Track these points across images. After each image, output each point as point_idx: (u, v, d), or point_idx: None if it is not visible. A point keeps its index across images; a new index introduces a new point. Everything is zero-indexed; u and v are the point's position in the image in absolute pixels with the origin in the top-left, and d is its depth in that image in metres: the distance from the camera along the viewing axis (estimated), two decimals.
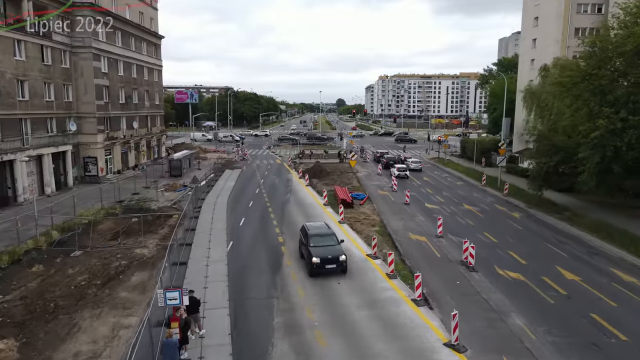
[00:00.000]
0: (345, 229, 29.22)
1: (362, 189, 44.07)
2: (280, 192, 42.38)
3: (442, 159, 67.24)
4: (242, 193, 41.87)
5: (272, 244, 26.61)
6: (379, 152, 66.23)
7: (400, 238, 27.69)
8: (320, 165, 56.51)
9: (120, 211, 34.23)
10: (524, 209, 36.08)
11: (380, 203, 37.68)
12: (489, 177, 47.56)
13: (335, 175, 51.48)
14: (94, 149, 44.57)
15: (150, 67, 58.59)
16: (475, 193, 43.15)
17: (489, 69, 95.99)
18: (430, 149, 79.72)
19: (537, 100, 45.61)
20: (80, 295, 19.54)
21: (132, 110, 52.97)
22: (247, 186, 45.45)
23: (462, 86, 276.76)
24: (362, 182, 48.05)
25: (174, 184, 44.84)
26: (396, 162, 57.14)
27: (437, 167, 61.60)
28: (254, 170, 57.04)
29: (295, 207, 35.98)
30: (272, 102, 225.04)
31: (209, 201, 38.02)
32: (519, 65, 67.35)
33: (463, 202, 38.26)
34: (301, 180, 48.10)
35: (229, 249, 25.48)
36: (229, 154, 72.38)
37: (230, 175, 51.65)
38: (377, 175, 52.94)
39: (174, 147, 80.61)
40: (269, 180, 48.74)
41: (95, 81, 44.00)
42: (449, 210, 35.55)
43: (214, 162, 62.44)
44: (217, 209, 34.91)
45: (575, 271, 22.22)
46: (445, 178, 52.27)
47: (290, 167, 58.65)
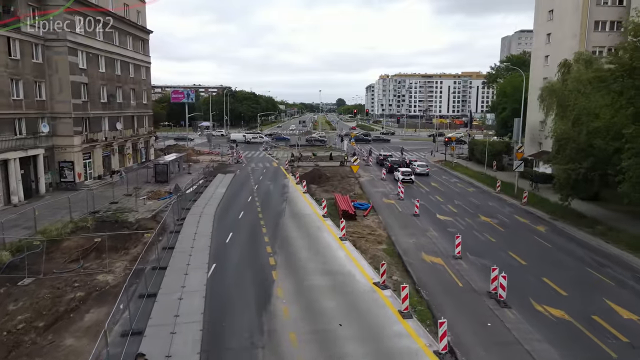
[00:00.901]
0: (347, 248, 25.17)
1: (365, 196, 40.04)
2: (275, 200, 38.32)
3: (449, 162, 63.20)
4: (232, 202, 37.82)
5: (262, 267, 22.57)
6: (382, 155, 62.13)
7: (412, 260, 23.63)
8: (319, 169, 52.46)
9: (91, 224, 30.17)
10: (548, 221, 32.02)
11: (386, 214, 33.63)
12: (503, 183, 43.49)
13: (336, 181, 47.44)
14: (70, 152, 40.48)
15: (137, 64, 54.54)
16: (491, 201, 39.10)
17: (496, 66, 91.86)
18: (435, 151, 75.69)
19: (557, 98, 41.56)
20: (13, 343, 15.48)
21: (116, 110, 48.91)
22: (238, 193, 41.40)
23: (464, 86, 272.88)
24: (364, 188, 43.99)
25: (158, 191, 40.77)
26: (401, 166, 53.16)
27: (445, 171, 57.53)
28: (248, 174, 52.98)
29: (290, 219, 31.92)
30: (271, 102, 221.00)
31: (194, 211, 33.99)
32: (531, 62, 63.31)
33: (479, 213, 34.20)
34: (298, 186, 44.09)
35: (210, 274, 21.45)
36: (222, 157, 68.34)
37: (222, 181, 47.62)
38: (381, 180, 48.88)
39: (166, 148, 76.72)
40: (263, 187, 44.69)
41: (71, 78, 39.93)
42: (464, 222, 31.50)
43: (206, 165, 58.44)
44: (203, 222, 30.87)
45: (630, 306, 18.17)
46: (455, 184, 48.20)
47: (287, 171, 54.63)
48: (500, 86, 71.33)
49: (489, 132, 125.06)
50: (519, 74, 76.11)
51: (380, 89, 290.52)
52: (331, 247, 25.43)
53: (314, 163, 60.65)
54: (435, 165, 61.37)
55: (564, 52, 50.06)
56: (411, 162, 57.59)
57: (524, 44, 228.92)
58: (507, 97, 68.37)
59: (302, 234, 28.42)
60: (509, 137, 77.49)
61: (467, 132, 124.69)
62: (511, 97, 66.98)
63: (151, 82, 58.04)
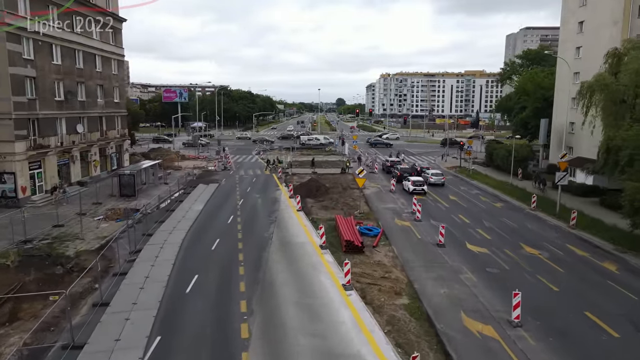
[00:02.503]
0: (354, 305, 17.72)
1: (372, 215, 32.62)
2: (261, 222, 30.86)
3: (465, 168, 55.77)
4: (208, 224, 30.40)
5: (227, 343, 15.15)
6: (389, 161, 54.46)
7: (451, 329, 16.17)
8: (316, 179, 44.97)
9: (14, 261, 22.75)
10: (614, 254, 24.57)
11: (401, 243, 26.21)
12: (537, 197, 36.03)
13: (336, 193, 40.02)
14: (10, 161, 33.04)
15: (106, 56, 47.06)
16: (528, 222, 31.66)
17: (510, 62, 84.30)
18: (446, 155, 68.23)
19: (605, 95, 34.16)
20: None
21: (77, 110, 41.45)
22: (218, 211, 33.96)
23: (467, 85, 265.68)
24: (371, 203, 36.57)
25: (118, 209, 33.33)
26: (411, 174, 45.78)
27: (462, 179, 50.08)
28: (234, 184, 45.53)
29: (278, 252, 24.48)
30: (269, 102, 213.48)
31: (156, 239, 26.57)
32: (558, 53, 55.90)
33: (520, 241, 26.74)
34: (292, 200, 36.68)
35: (149, 358, 14.08)
36: (209, 162, 60.90)
37: (202, 194, 40.21)
38: (390, 192, 41.38)
39: (150, 152, 69.31)
40: (249, 201, 37.23)
41: (11, 70, 32.50)
42: (505, 257, 24.08)
43: (188, 173, 51.05)
44: (162, 257, 23.44)
45: None
46: (478, 197, 40.71)
47: (279, 181, 47.20)
48: (519, 83, 63.93)
49: (498, 132, 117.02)
50: (541, 69, 68.81)
51: (381, 88, 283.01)
52: (332, 304, 17.99)
53: (311, 170, 53.23)
54: (450, 173, 53.95)
55: (601, 42, 42.79)
56: (423, 169, 50.18)
57: (530, 41, 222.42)
58: (527, 95, 60.93)
59: (292, 276, 21.01)
60: (528, 139, 70.31)
61: (474, 132, 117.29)
62: (533, 95, 59.56)
63: (126, 77, 50.43)
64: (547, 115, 56.54)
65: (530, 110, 59.71)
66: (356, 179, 33.00)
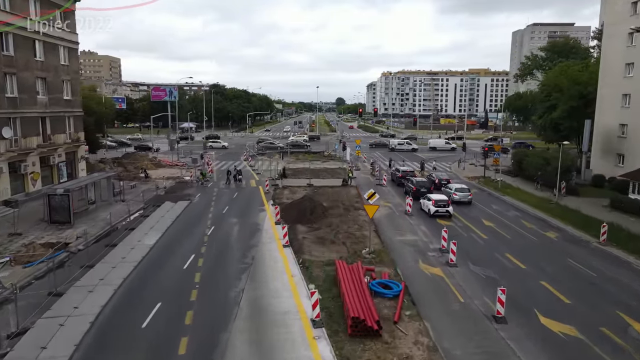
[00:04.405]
0: None
1: (386, 255, 23.47)
2: (231, 268, 21.74)
3: (490, 179, 46.69)
4: (155, 272, 21.27)
5: None
6: (400, 170, 45.04)
7: None
8: (311, 195, 35.79)
9: None
10: None
11: (436, 314, 17.08)
12: (591, 220, 26.80)
13: (337, 216, 30.95)
14: None
15: (51, 42, 37.90)
16: (608, 266, 22.47)
17: (532, 56, 75.03)
18: (463, 161, 59.11)
19: None
20: None
21: (3, 109, 32.38)
22: (176, 248, 24.84)
23: (471, 84, 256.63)
24: (383, 233, 27.48)
25: (34, 245, 24.22)
26: (430, 189, 36.79)
27: (490, 194, 40.94)
28: (209, 202, 36.46)
29: (245, 335, 15.40)
30: (266, 101, 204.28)
31: (62, 306, 17.43)
32: (603, 41, 46.95)
33: (617, 308, 17.63)
34: (278, 228, 27.63)
35: None
36: (188, 170, 51.78)
37: (164, 217, 31.15)
38: (406, 215, 32.29)
39: (122, 157, 60.19)
40: (222, 231, 28.09)
41: None
42: (610, 347, 15.03)
43: (157, 186, 42.00)
44: (53, 350, 14.38)
45: None
46: (519, 221, 31.51)
47: (266, 196, 38.14)
48: (549, 78, 54.76)
49: (507, 132, 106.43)
50: (572, 62, 59.80)
51: (383, 88, 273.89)
52: None
53: (305, 183, 44.11)
54: (472, 185, 44.84)
55: None
56: (442, 181, 41.08)
57: (537, 38, 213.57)
58: (560, 92, 51.82)
59: None
60: (558, 143, 61.09)
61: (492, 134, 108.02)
62: (567, 92, 50.48)
63: (79, 69, 41.08)
64: (585, 115, 47.67)
65: (563, 109, 50.64)
66: (365, 206, 23.76)
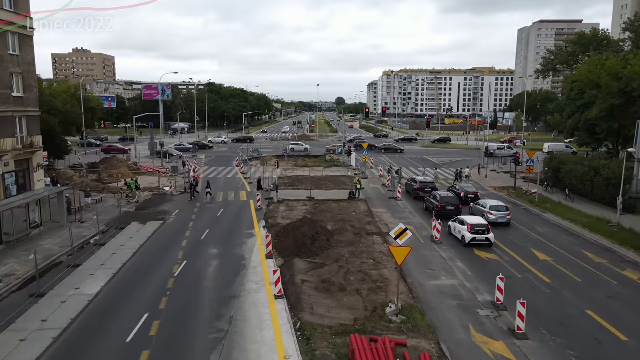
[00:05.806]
0: None
1: (419, 314, 16.52)
2: (198, 339, 14.83)
3: (522, 190, 39.73)
4: (79, 352, 14.39)
5: None
6: (419, 182, 37.64)
7: None
8: (311, 217, 28.78)
9: None
10: None
11: None
12: None
13: (345, 245, 24.05)
14: None
15: None
16: None
17: (555, 50, 68.10)
18: (485, 167, 52.17)
19: None
20: None
21: None
22: (126, 300, 17.92)
23: (475, 83, 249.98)
24: (409, 275, 20.47)
25: None
26: (458, 207, 29.87)
27: (528, 211, 33.89)
28: (186, 223, 29.50)
29: None
30: (264, 100, 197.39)
31: None
32: None
33: None
34: (269, 264, 20.76)
35: None
36: (169, 178, 44.75)
37: (123, 248, 24.23)
38: (434, 243, 25.31)
39: (99, 163, 53.23)
40: (194, 270, 21.12)
41: None
42: None
43: (129, 200, 35.13)
44: None
45: None
46: (579, 251, 24.45)
47: (257, 215, 31.21)
48: (583, 73, 47.78)
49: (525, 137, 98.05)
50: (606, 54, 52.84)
51: (384, 87, 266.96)
52: None
53: (306, 195, 37.14)
54: (501, 197, 37.92)
55: None
56: (468, 195, 34.15)
57: (544, 35, 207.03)
58: (597, 89, 44.88)
59: None
60: (593, 147, 54.28)
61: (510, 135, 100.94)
62: (606, 89, 43.55)
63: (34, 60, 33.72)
64: (628, 115, 40.96)
65: (601, 108, 43.74)
66: (391, 249, 16.27)
